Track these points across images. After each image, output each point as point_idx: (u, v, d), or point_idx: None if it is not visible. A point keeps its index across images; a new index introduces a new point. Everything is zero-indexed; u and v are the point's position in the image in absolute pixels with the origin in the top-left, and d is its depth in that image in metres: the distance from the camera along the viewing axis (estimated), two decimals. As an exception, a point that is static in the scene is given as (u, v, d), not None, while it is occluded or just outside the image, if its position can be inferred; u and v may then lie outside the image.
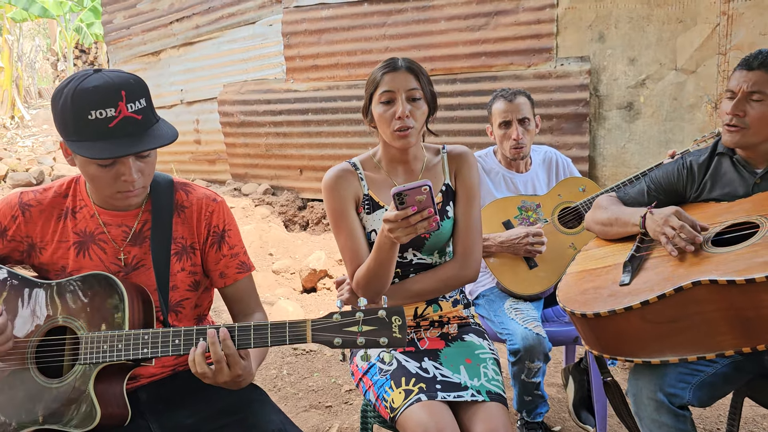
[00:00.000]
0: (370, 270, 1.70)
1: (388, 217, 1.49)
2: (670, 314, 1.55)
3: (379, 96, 1.77)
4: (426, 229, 1.49)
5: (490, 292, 2.50)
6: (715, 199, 1.88)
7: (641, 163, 4.84)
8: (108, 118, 1.35)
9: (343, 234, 1.82)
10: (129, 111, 1.37)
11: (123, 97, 1.36)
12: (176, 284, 1.59)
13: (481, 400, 1.66)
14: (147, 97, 1.42)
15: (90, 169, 1.42)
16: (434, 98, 1.84)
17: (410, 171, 1.89)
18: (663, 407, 1.65)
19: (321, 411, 2.98)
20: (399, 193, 1.44)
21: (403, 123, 1.74)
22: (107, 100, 1.35)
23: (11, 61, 15.89)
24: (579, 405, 2.57)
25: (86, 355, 1.40)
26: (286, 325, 1.34)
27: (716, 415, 2.77)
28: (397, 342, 1.29)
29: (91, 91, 1.35)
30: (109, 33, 8.37)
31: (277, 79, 6.73)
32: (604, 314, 1.60)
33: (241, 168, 7.25)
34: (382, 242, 1.60)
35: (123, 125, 1.36)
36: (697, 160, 1.94)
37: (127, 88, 1.37)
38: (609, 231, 1.98)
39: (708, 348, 1.54)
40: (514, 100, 2.52)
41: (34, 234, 1.55)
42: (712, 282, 1.48)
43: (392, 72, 1.77)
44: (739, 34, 4.42)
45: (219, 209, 1.62)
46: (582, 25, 4.96)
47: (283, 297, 4.58)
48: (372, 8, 5.97)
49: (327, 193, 1.83)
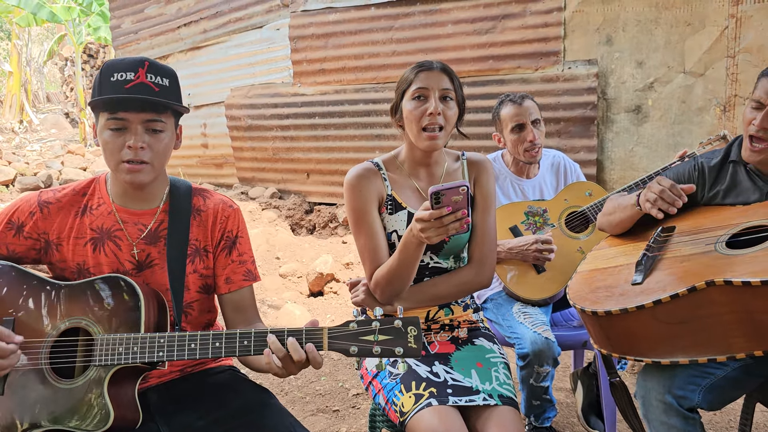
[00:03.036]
0: (392, 270, 1.69)
1: (422, 216, 1.48)
2: (683, 314, 1.54)
3: (413, 92, 1.77)
4: (457, 231, 1.48)
5: (498, 296, 2.50)
6: (729, 204, 1.86)
7: (649, 167, 4.83)
8: (126, 79, 1.46)
9: (363, 233, 1.80)
10: (147, 79, 1.47)
11: (145, 66, 1.48)
12: (188, 285, 1.60)
13: (494, 404, 1.65)
14: (173, 83, 1.53)
15: (104, 136, 1.49)
16: (464, 102, 1.84)
17: (431, 174, 1.89)
18: (672, 409, 1.63)
19: (328, 415, 2.97)
20: (437, 192, 1.43)
21: (434, 120, 1.74)
22: (130, 66, 1.47)
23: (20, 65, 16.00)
24: (588, 410, 2.56)
25: (101, 357, 1.40)
26: (302, 332, 1.35)
27: (726, 420, 2.75)
28: (412, 352, 1.31)
29: (119, 60, 1.49)
30: (117, 37, 8.41)
31: (285, 83, 6.75)
32: (615, 312, 1.59)
33: (248, 172, 7.27)
34: (408, 242, 1.60)
35: (139, 89, 1.46)
36: (709, 162, 1.92)
37: (153, 63, 1.50)
38: (613, 219, 2.00)
39: (719, 350, 1.53)
40: (522, 103, 2.52)
41: (50, 230, 1.57)
42: (727, 283, 1.46)
43: (427, 71, 1.77)
44: (748, 37, 4.40)
45: (234, 215, 1.65)
46: (590, 29, 4.95)
47: (290, 300, 4.59)
48: (379, 12, 5.99)
49: (349, 192, 1.81)
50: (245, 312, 1.66)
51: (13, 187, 8.69)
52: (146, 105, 1.47)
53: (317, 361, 1.35)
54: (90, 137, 14.00)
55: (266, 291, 4.79)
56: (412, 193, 1.86)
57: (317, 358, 1.34)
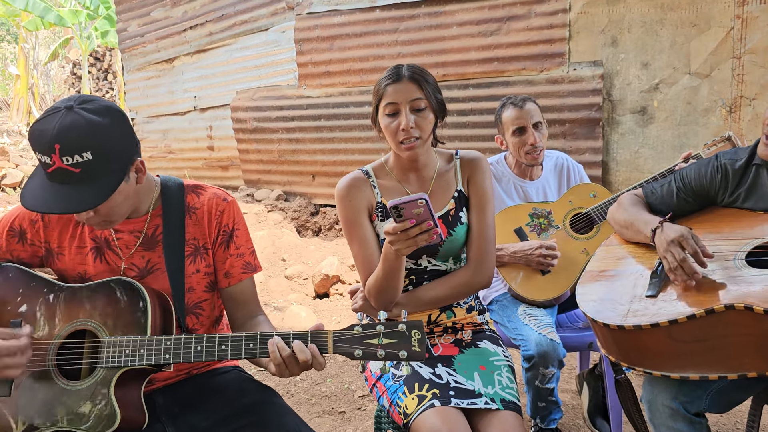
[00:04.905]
0: (379, 279, 1.71)
1: (388, 230, 1.51)
2: (698, 334, 1.51)
3: (384, 108, 1.77)
4: (427, 242, 1.49)
5: (503, 298, 2.50)
6: (750, 209, 1.81)
7: (655, 168, 4.82)
8: (46, 164, 1.36)
9: (356, 242, 1.82)
10: (65, 164, 1.34)
11: (56, 150, 1.34)
12: (192, 286, 1.60)
13: (495, 408, 1.65)
14: (93, 152, 1.35)
15: None
16: (442, 105, 1.82)
17: (422, 178, 1.88)
18: (678, 414, 1.62)
19: (334, 417, 2.98)
20: (395, 206, 1.44)
21: (408, 134, 1.74)
22: (44, 147, 1.35)
23: (27, 68, 16.09)
24: (594, 411, 2.56)
25: (108, 359, 1.41)
26: (308, 335, 1.36)
27: (733, 422, 2.74)
28: (416, 356, 1.32)
29: (36, 134, 1.36)
30: (123, 41, 8.45)
31: (290, 86, 6.77)
32: (628, 328, 1.57)
33: (253, 174, 7.29)
34: (387, 253, 1.62)
35: (60, 174, 1.36)
36: (733, 165, 1.85)
37: (63, 141, 1.33)
38: (625, 233, 1.95)
39: (731, 369, 1.51)
40: (524, 106, 2.51)
41: (51, 239, 1.57)
42: (747, 308, 1.44)
43: (395, 83, 1.75)
44: (754, 38, 4.39)
45: (229, 208, 1.63)
46: (595, 30, 4.95)
47: (296, 302, 4.59)
48: (384, 14, 6.00)
49: (340, 202, 1.83)
50: (247, 305, 1.66)
51: (20, 189, 8.75)
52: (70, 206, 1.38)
53: (320, 362, 1.36)
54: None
55: (272, 293, 4.80)
56: None
57: (319, 358, 1.36)
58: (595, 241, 2.45)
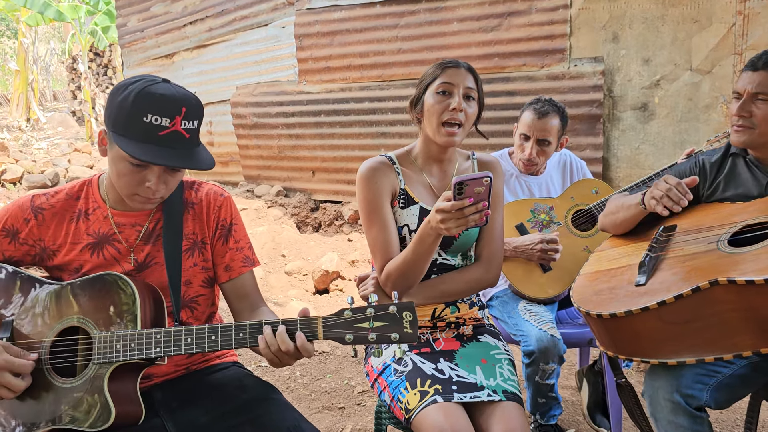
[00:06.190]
0: (407, 262, 1.70)
1: (443, 207, 1.48)
2: (687, 314, 1.53)
3: (437, 86, 1.78)
4: (476, 223, 1.49)
5: (503, 294, 2.49)
6: (729, 199, 1.88)
7: (656, 165, 4.81)
8: (161, 126, 1.39)
9: (375, 226, 1.80)
10: (182, 127, 1.42)
11: (182, 112, 1.41)
12: (189, 279, 1.61)
13: (498, 399, 1.65)
14: (200, 121, 1.48)
15: (120, 165, 1.45)
16: (483, 103, 1.86)
17: (444, 171, 1.90)
18: (679, 408, 1.63)
19: (334, 412, 2.98)
20: (460, 182, 1.43)
21: (455, 115, 1.75)
22: (167, 110, 1.40)
23: (26, 64, 16.05)
24: (593, 407, 2.56)
25: (100, 355, 1.41)
26: (297, 322, 1.35)
27: (733, 418, 2.74)
28: (408, 337, 1.30)
29: (157, 97, 1.39)
30: (123, 36, 8.44)
31: (290, 81, 6.76)
32: (620, 315, 1.59)
33: (253, 170, 7.28)
34: (425, 234, 1.61)
35: (172, 137, 1.41)
36: (710, 159, 1.95)
37: (189, 106, 1.42)
38: (616, 218, 2.00)
39: (725, 349, 1.53)
40: (543, 118, 2.47)
41: (46, 237, 1.57)
42: (731, 282, 1.46)
43: (454, 68, 1.79)
44: (756, 34, 4.37)
45: (226, 204, 1.66)
46: (596, 26, 4.94)
47: (296, 298, 4.59)
48: (384, 10, 5.98)
49: (362, 184, 1.81)
50: (249, 297, 1.68)
51: (20, 184, 8.73)
52: (175, 161, 1.42)
53: (307, 350, 1.34)
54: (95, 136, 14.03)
55: (272, 288, 4.80)
56: (424, 188, 1.87)
57: (307, 346, 1.34)
58: (596, 238, 2.44)
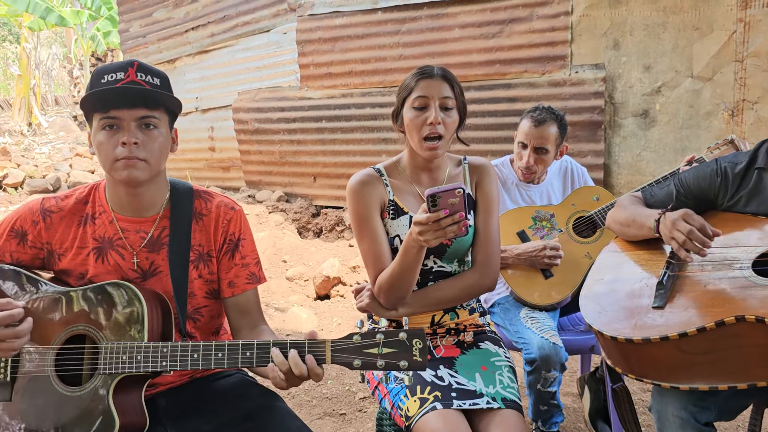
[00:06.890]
0: (395, 274, 1.70)
1: (420, 219, 1.49)
2: (707, 346, 1.50)
3: (413, 101, 1.77)
4: (455, 234, 1.48)
5: (505, 301, 2.49)
6: (751, 213, 1.79)
7: (657, 171, 4.81)
8: (117, 78, 1.45)
9: (366, 239, 1.81)
10: (138, 78, 1.46)
11: (134, 66, 1.47)
12: (193, 291, 1.60)
13: (497, 407, 1.65)
14: (164, 83, 1.51)
15: (98, 136, 1.46)
16: (465, 108, 1.84)
17: (434, 179, 1.89)
18: (688, 424, 1.60)
19: (335, 419, 2.97)
20: (433, 194, 1.43)
21: (433, 129, 1.74)
22: (120, 67, 1.46)
23: (29, 69, 16.09)
24: (595, 415, 2.55)
25: (106, 365, 1.40)
26: (305, 345, 1.34)
27: (734, 426, 2.74)
28: (417, 366, 1.29)
29: (111, 64, 1.48)
30: (125, 41, 8.46)
31: (291, 87, 6.77)
32: (637, 341, 1.55)
33: (255, 175, 7.29)
34: (409, 246, 1.61)
35: (129, 86, 1.44)
36: (733, 168, 1.82)
37: (142, 64, 1.49)
38: (627, 232, 1.93)
39: (740, 379, 1.49)
40: (540, 126, 2.46)
41: (53, 240, 1.56)
42: (759, 321, 1.43)
43: (427, 78, 1.77)
44: (757, 41, 4.38)
45: (237, 218, 1.63)
46: (597, 33, 4.95)
47: (297, 304, 4.59)
48: (386, 16, 5.99)
49: (352, 198, 1.83)
50: (249, 315, 1.65)
51: (21, 189, 8.74)
52: (137, 100, 1.45)
53: (317, 374, 1.33)
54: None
55: (273, 294, 4.80)
56: (414, 198, 1.87)
57: (316, 370, 1.33)
58: (598, 245, 2.44)
